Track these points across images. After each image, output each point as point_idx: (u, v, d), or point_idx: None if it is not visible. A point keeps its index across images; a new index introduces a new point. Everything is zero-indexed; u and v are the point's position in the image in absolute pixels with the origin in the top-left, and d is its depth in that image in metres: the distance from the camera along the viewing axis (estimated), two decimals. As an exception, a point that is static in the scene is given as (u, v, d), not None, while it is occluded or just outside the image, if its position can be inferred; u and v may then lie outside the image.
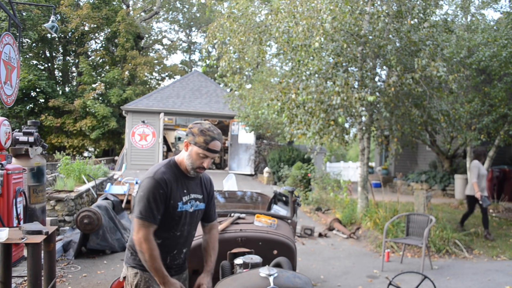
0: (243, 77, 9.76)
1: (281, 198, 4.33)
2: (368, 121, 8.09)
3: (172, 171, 2.21)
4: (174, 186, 2.17)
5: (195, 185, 2.31)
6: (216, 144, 2.18)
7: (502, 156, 12.90)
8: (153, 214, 2.10)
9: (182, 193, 2.21)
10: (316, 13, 7.11)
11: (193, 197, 2.27)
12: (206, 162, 2.19)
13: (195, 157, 2.18)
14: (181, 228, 2.24)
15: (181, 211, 2.19)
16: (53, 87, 20.86)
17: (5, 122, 5.07)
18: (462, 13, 10.80)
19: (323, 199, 10.48)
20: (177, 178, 2.21)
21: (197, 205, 2.31)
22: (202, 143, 2.15)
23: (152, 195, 2.10)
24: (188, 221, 2.27)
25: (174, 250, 2.27)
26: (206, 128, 2.17)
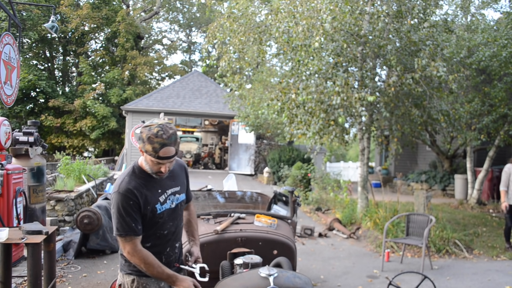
0: (243, 77, 9.76)
1: (281, 198, 4.33)
2: (368, 121, 8.09)
3: (138, 177, 2.09)
4: (145, 191, 2.07)
5: (169, 180, 2.21)
6: (168, 150, 1.99)
7: (502, 156, 12.90)
8: (132, 227, 2.01)
9: (156, 194, 2.12)
10: (316, 13, 7.11)
11: (171, 192, 2.19)
12: (163, 168, 2.06)
13: (150, 164, 2.06)
14: (166, 226, 2.19)
15: (161, 212, 2.13)
16: (53, 87, 20.86)
17: (5, 122, 5.07)
18: (462, 13, 10.80)
19: (323, 199, 10.48)
20: (146, 182, 2.09)
21: (178, 198, 2.24)
22: (151, 151, 1.98)
23: (123, 209, 2.00)
24: (172, 216, 2.21)
25: (167, 248, 2.22)
26: (154, 134, 1.97)
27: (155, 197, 2.11)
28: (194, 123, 21.44)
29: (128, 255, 2.03)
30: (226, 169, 17.13)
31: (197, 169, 17.96)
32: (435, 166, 14.12)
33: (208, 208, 4.40)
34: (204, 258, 3.02)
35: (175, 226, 2.24)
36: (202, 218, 3.42)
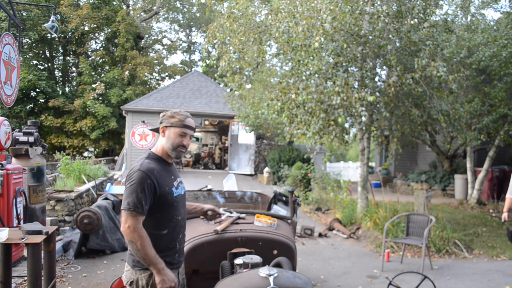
0: (243, 77, 9.77)
1: (281, 198, 4.33)
2: (368, 121, 8.09)
3: (156, 161, 2.29)
4: (163, 174, 2.25)
5: (175, 171, 2.44)
6: (191, 120, 2.34)
7: (502, 156, 12.91)
8: (141, 204, 2.11)
9: (171, 179, 2.31)
10: (316, 13, 7.11)
11: (179, 180, 2.41)
12: (185, 140, 2.30)
13: (174, 137, 2.28)
14: (180, 212, 2.35)
15: (177, 195, 2.30)
16: (53, 87, 20.86)
17: (5, 122, 5.07)
18: (462, 13, 10.80)
19: (323, 199, 10.48)
20: (162, 167, 2.29)
21: (184, 188, 2.46)
22: (178, 121, 2.29)
23: (141, 186, 2.12)
24: (183, 203, 2.41)
25: (180, 234, 2.35)
26: (178, 111, 2.36)
27: (171, 181, 2.30)
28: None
29: (128, 229, 2.07)
30: (226, 169, 17.13)
31: (197, 169, 17.96)
32: (435, 166, 14.12)
33: (208, 208, 4.39)
34: (204, 258, 3.03)
35: (184, 213, 2.42)
36: (202, 218, 3.42)
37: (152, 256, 2.09)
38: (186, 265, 2.97)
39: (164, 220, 2.24)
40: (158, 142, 2.36)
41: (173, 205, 2.27)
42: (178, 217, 2.32)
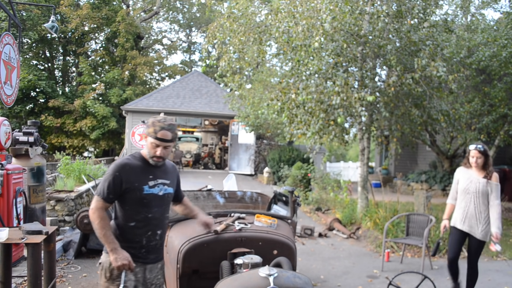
0: (243, 77, 9.76)
1: (281, 198, 4.32)
2: (368, 121, 8.09)
3: (136, 159, 2.50)
4: (137, 171, 2.44)
5: (161, 173, 2.56)
6: (165, 133, 2.41)
7: (502, 156, 12.90)
8: (104, 191, 2.39)
9: (147, 178, 2.46)
10: (316, 13, 7.11)
11: (161, 182, 2.52)
12: (158, 151, 2.43)
13: (149, 146, 2.45)
14: (152, 210, 2.48)
15: (148, 193, 2.44)
16: (53, 87, 20.86)
17: (5, 122, 5.07)
18: (462, 13, 10.80)
19: (323, 199, 10.48)
20: (141, 166, 2.48)
21: (166, 189, 2.56)
22: (152, 133, 2.41)
23: (109, 177, 2.40)
24: (159, 203, 2.52)
25: (149, 231, 2.50)
26: (157, 120, 2.45)
27: (145, 180, 2.46)
28: (194, 123, 21.44)
29: (91, 210, 2.37)
30: (226, 169, 17.13)
31: (197, 169, 17.96)
32: (435, 166, 14.12)
33: (208, 208, 4.40)
34: (204, 258, 3.02)
35: (160, 213, 2.54)
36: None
37: (106, 236, 2.33)
38: (186, 265, 2.97)
39: (132, 213, 2.45)
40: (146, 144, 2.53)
41: (142, 202, 2.44)
42: (149, 215, 2.47)
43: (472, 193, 4.11)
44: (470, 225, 4.12)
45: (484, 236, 4.09)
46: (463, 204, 4.19)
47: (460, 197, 4.26)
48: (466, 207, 4.15)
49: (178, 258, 2.99)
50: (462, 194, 4.22)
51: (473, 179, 4.12)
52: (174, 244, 3.11)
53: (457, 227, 4.21)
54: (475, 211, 4.10)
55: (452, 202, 4.36)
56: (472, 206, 4.11)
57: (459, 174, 4.32)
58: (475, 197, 4.10)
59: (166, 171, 2.62)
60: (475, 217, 4.10)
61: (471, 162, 4.13)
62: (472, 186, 4.12)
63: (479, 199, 4.08)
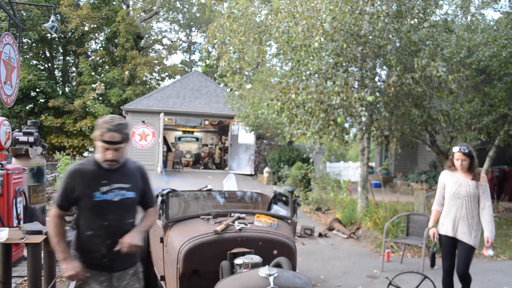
0: (243, 77, 9.76)
1: (281, 198, 4.32)
2: (368, 121, 8.09)
3: (90, 164, 2.36)
4: (88, 177, 2.31)
5: (119, 176, 2.39)
6: (111, 135, 2.24)
7: (502, 156, 12.89)
8: (58, 199, 2.33)
9: (99, 183, 2.32)
10: (316, 13, 7.11)
11: (117, 186, 2.35)
12: (108, 154, 2.28)
13: (99, 150, 2.31)
14: (108, 217, 2.34)
15: (99, 200, 2.30)
16: (53, 87, 20.86)
17: (5, 122, 5.07)
18: (462, 13, 10.80)
19: (323, 199, 10.48)
20: (94, 171, 2.33)
21: (124, 194, 2.38)
22: (98, 136, 2.27)
23: (63, 183, 2.34)
24: (115, 210, 2.36)
25: (107, 240, 2.35)
26: (104, 121, 2.28)
27: (97, 185, 2.32)
28: (194, 123, 21.44)
29: (49, 218, 2.35)
30: (226, 169, 17.13)
31: (197, 169, 17.96)
32: (435, 166, 14.12)
33: (208, 208, 4.40)
34: (204, 258, 3.02)
35: (117, 220, 2.37)
36: (202, 218, 3.42)
37: (59, 244, 2.29)
38: (186, 265, 2.97)
39: (88, 222, 2.34)
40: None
41: (94, 209, 2.32)
42: (104, 223, 2.33)
43: (463, 197, 3.84)
44: (463, 232, 3.85)
45: (476, 242, 3.87)
46: (453, 209, 3.89)
47: (449, 203, 3.95)
48: (457, 212, 3.86)
49: (178, 258, 2.99)
50: (451, 199, 3.92)
51: (462, 182, 3.86)
52: (174, 244, 3.11)
53: (448, 235, 3.92)
54: (468, 216, 3.84)
55: (438, 208, 4.06)
56: (464, 211, 3.84)
57: (444, 178, 4.02)
58: (467, 201, 3.83)
59: (126, 173, 2.44)
60: (468, 223, 3.84)
61: (456, 165, 3.87)
62: (463, 190, 3.85)
63: (471, 203, 3.84)
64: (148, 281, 4.33)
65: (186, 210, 4.23)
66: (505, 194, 11.20)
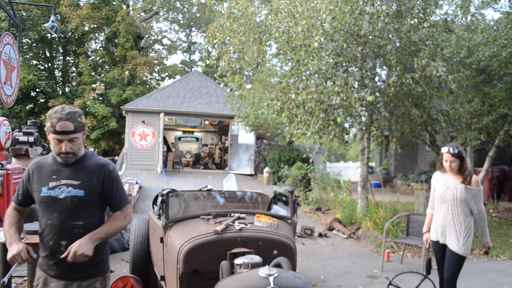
0: (243, 77, 9.76)
1: (281, 198, 4.33)
2: (368, 121, 8.10)
3: (50, 159, 2.25)
4: (43, 171, 2.20)
5: (71, 172, 2.20)
6: (63, 124, 2.08)
7: (502, 156, 12.90)
8: (16, 194, 2.31)
9: (49, 178, 2.18)
10: (316, 13, 7.11)
11: (65, 183, 2.17)
12: (63, 146, 2.12)
13: (52, 143, 2.15)
14: (51, 215, 2.17)
15: (44, 195, 2.16)
16: (53, 87, 20.86)
17: (5, 122, 5.07)
18: (462, 13, 10.80)
19: (323, 199, 10.48)
20: (51, 165, 2.21)
21: (70, 192, 2.16)
22: (50, 127, 2.11)
23: (23, 177, 2.31)
24: (59, 208, 2.16)
25: (50, 241, 2.19)
26: (54, 111, 2.12)
27: (46, 180, 2.19)
28: (194, 123, 21.45)
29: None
30: (226, 169, 17.13)
31: (197, 169, 17.96)
32: (435, 166, 14.12)
33: (208, 208, 4.40)
34: (204, 258, 3.03)
35: (60, 219, 2.16)
36: (202, 218, 3.42)
37: (8, 232, 2.22)
38: (186, 265, 2.97)
39: (39, 218, 2.25)
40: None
41: (40, 205, 2.20)
42: (48, 221, 2.18)
43: (449, 201, 3.60)
44: (450, 238, 3.61)
45: (466, 251, 3.56)
46: (441, 214, 3.68)
47: (437, 206, 3.74)
48: (444, 217, 3.64)
49: (178, 258, 2.99)
50: (439, 203, 3.70)
51: (450, 185, 3.62)
52: (174, 244, 3.11)
53: (439, 241, 3.74)
54: (454, 221, 3.59)
55: (432, 211, 3.87)
56: (450, 216, 3.60)
57: (435, 180, 3.79)
58: (452, 205, 3.59)
59: (80, 170, 2.21)
60: (455, 229, 3.59)
61: (445, 166, 3.63)
62: (449, 193, 3.60)
63: (457, 208, 3.57)
64: (148, 281, 4.34)
65: (186, 210, 4.24)
66: (505, 194, 11.21)
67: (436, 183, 3.77)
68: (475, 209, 3.60)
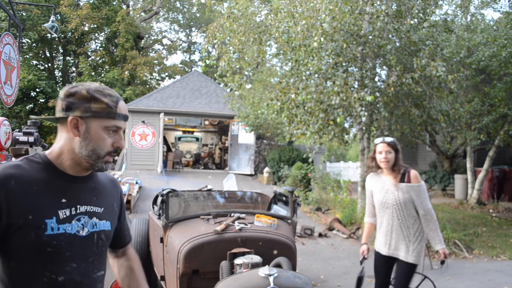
0: (243, 77, 9.77)
1: (281, 198, 4.33)
2: (367, 121, 8.10)
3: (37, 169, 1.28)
4: (34, 191, 1.23)
5: (87, 192, 1.37)
6: (124, 106, 1.38)
7: (502, 156, 12.90)
8: None
9: (57, 203, 1.27)
10: (315, 13, 7.11)
11: (86, 210, 1.34)
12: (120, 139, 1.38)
13: (100, 135, 1.32)
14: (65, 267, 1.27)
15: (55, 234, 1.24)
16: (53, 87, 20.87)
17: (5, 122, 5.07)
18: (462, 13, 10.81)
19: (323, 199, 10.48)
20: (46, 180, 1.28)
21: (96, 225, 1.37)
22: (105, 108, 1.30)
23: None
24: (81, 253, 1.31)
25: None
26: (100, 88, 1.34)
27: (51, 206, 1.26)
28: (194, 123, 21.46)
29: None
30: (226, 169, 17.13)
31: (197, 169, 17.97)
32: (435, 166, 14.13)
33: (208, 208, 4.40)
34: (204, 258, 3.03)
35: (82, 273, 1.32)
36: (202, 218, 3.42)
37: None
38: (186, 265, 2.97)
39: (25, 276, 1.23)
40: (58, 140, 1.35)
41: (42, 252, 1.23)
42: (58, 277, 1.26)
43: (392, 206, 3.15)
44: (397, 248, 3.18)
45: (417, 258, 3.14)
46: (384, 222, 3.23)
47: (378, 214, 3.28)
48: (389, 225, 3.19)
49: (178, 258, 2.99)
50: (380, 210, 3.25)
51: (388, 188, 3.18)
52: (174, 244, 3.11)
53: (381, 253, 3.29)
54: (401, 228, 3.15)
55: (370, 220, 3.41)
56: (396, 222, 3.16)
57: (370, 184, 3.33)
58: (397, 210, 3.14)
59: (98, 191, 1.42)
60: (403, 236, 3.15)
61: (379, 160, 3.15)
62: (390, 197, 3.15)
63: (403, 212, 3.13)
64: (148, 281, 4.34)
65: (186, 210, 4.24)
66: (505, 194, 11.21)
67: (372, 187, 3.31)
68: (421, 209, 3.11)
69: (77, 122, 1.31)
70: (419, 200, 3.12)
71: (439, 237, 3.08)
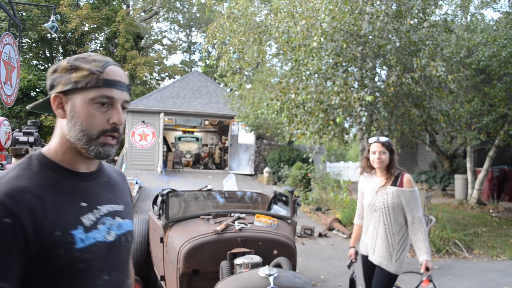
0: (243, 77, 9.77)
1: (281, 198, 4.33)
2: (367, 121, 8.10)
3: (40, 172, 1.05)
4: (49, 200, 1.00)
5: (102, 189, 1.16)
6: (116, 70, 1.10)
7: (502, 156, 12.91)
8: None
9: (76, 209, 1.06)
10: (315, 13, 7.12)
11: (108, 210, 1.14)
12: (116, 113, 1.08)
13: (87, 111, 1.06)
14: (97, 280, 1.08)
15: (87, 246, 1.04)
16: (53, 87, 20.90)
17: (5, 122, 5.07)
18: (462, 13, 10.81)
19: (323, 199, 10.48)
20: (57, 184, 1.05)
21: (121, 226, 1.17)
22: (87, 76, 1.05)
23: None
24: (111, 261, 1.12)
25: None
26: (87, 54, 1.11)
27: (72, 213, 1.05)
28: (194, 123, 21.46)
29: None
30: (226, 169, 17.13)
31: (197, 169, 17.97)
32: (435, 166, 14.13)
33: (208, 208, 4.40)
34: (204, 258, 3.03)
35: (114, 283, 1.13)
36: (202, 218, 3.42)
37: None
38: (186, 265, 2.97)
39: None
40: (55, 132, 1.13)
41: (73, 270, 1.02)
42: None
43: (379, 209, 2.96)
44: (381, 255, 2.97)
45: (398, 268, 2.96)
46: (371, 225, 3.05)
47: (366, 216, 3.10)
48: (375, 229, 3.00)
49: (178, 258, 2.99)
50: (368, 212, 3.07)
51: (378, 190, 3.01)
52: (174, 244, 3.12)
53: (368, 257, 3.11)
54: (387, 233, 2.95)
55: (360, 222, 3.25)
56: (382, 227, 2.96)
57: (362, 184, 3.19)
58: (384, 214, 2.94)
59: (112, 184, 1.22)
60: (387, 242, 2.95)
61: (372, 160, 3.00)
62: (379, 200, 2.96)
63: (390, 217, 2.93)
64: (148, 281, 4.34)
65: (186, 210, 4.24)
66: (505, 194, 11.21)
67: (364, 187, 3.16)
68: (410, 216, 2.90)
69: (61, 101, 1.08)
70: (409, 206, 2.91)
71: (426, 248, 2.83)
